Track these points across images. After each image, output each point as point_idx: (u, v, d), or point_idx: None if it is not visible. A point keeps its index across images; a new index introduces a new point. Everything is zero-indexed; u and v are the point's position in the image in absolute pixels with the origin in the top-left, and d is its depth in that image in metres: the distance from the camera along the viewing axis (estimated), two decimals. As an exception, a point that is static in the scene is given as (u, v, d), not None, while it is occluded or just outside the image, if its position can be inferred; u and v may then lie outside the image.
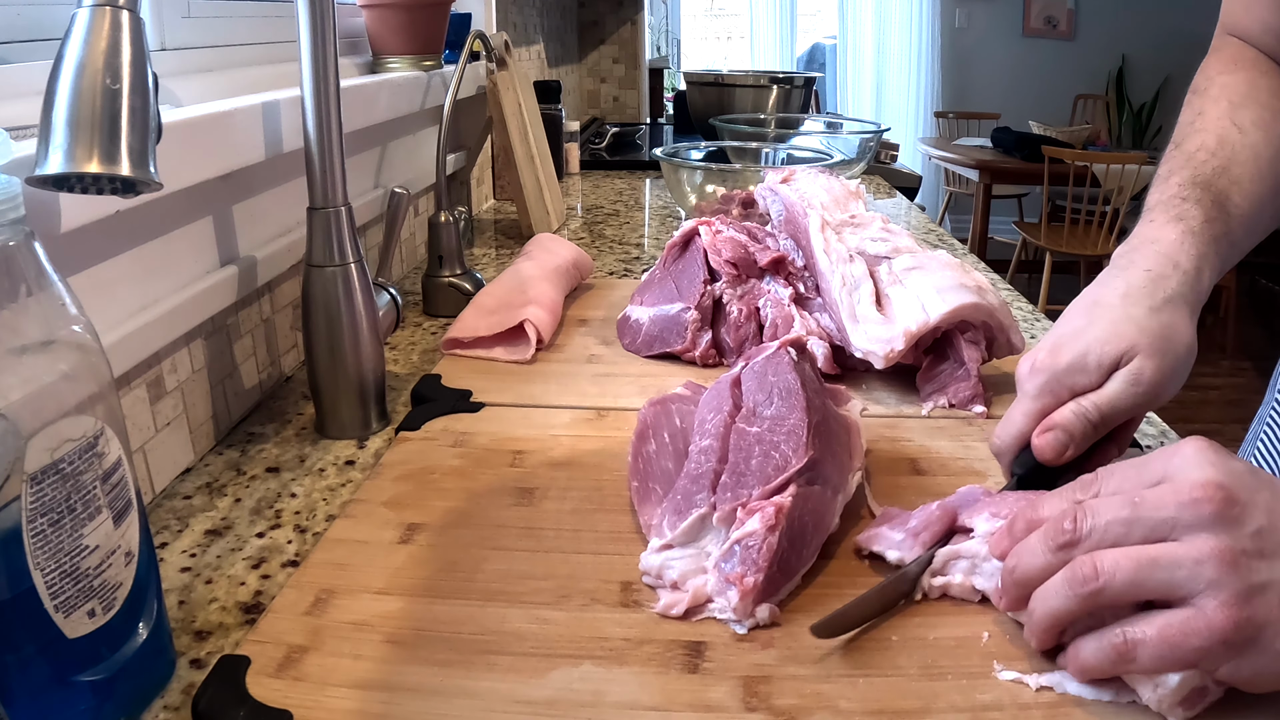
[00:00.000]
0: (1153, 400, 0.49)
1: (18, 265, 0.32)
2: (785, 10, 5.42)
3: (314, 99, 0.59)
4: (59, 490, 0.33)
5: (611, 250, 1.20)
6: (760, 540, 0.44)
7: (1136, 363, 0.48)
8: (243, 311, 0.69)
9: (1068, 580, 0.38)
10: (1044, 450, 0.49)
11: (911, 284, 0.71)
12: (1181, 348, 0.49)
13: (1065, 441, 0.48)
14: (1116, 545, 0.38)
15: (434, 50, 1.07)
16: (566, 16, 2.32)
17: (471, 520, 0.52)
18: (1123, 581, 0.37)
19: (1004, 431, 0.51)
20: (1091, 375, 0.49)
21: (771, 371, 0.55)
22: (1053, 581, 0.39)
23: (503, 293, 0.82)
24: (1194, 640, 0.35)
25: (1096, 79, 5.30)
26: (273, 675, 0.39)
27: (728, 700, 0.38)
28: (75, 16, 0.38)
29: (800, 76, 2.17)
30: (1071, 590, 0.38)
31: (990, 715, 0.38)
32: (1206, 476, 0.37)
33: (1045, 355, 0.51)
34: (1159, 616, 0.36)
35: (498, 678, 0.39)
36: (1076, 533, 0.39)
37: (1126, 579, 0.37)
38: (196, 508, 0.56)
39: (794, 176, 0.89)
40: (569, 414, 0.66)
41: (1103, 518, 0.38)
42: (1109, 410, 0.48)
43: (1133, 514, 0.38)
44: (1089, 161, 3.57)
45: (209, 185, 0.61)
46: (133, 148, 0.39)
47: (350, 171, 0.64)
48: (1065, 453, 0.48)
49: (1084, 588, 0.37)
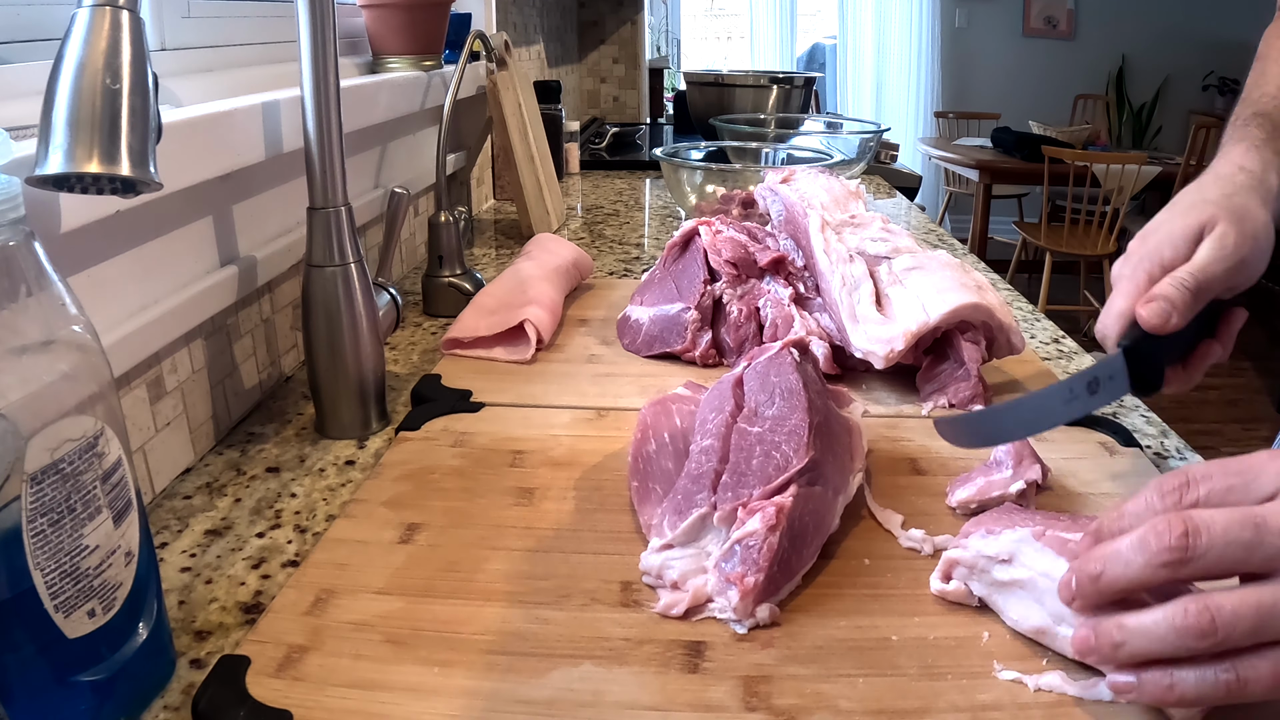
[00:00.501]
0: (1240, 268, 0.51)
1: (18, 265, 0.32)
2: (785, 10, 5.42)
3: (314, 99, 0.59)
4: (59, 490, 0.33)
5: (611, 250, 1.20)
6: (761, 540, 0.44)
7: (1219, 229, 0.51)
8: (243, 311, 0.69)
9: (1178, 630, 0.34)
10: (1150, 318, 0.50)
11: (911, 284, 0.71)
12: (1260, 223, 0.52)
13: (1168, 309, 0.49)
14: (1232, 570, 0.34)
15: (434, 50, 1.07)
16: (566, 16, 2.32)
17: (471, 520, 0.52)
18: (1244, 634, 0.33)
19: (1107, 314, 0.53)
20: (1179, 248, 0.52)
21: (774, 372, 0.55)
22: (1158, 626, 0.35)
23: (503, 293, 0.82)
24: None
25: (1096, 79, 5.30)
26: (273, 675, 0.39)
27: (728, 700, 0.38)
28: (75, 16, 0.38)
29: (800, 76, 2.17)
30: (1182, 641, 0.34)
31: (990, 715, 0.38)
32: None
33: (1135, 243, 0.54)
34: (1272, 653, 0.33)
35: (498, 678, 0.39)
36: (1190, 550, 0.34)
37: (1248, 630, 0.33)
38: (196, 508, 0.56)
39: (794, 176, 0.89)
40: (569, 414, 0.66)
41: (1220, 537, 0.34)
42: (1202, 275, 0.50)
43: (1255, 537, 0.33)
44: (1089, 161, 3.57)
45: (209, 185, 0.61)
46: (133, 148, 0.39)
47: (350, 171, 0.64)
48: (1170, 320, 0.49)
49: (1200, 641, 0.33)
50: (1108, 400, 0.49)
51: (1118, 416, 0.69)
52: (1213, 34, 5.04)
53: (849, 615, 0.44)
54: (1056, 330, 0.90)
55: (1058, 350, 0.85)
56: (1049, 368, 0.77)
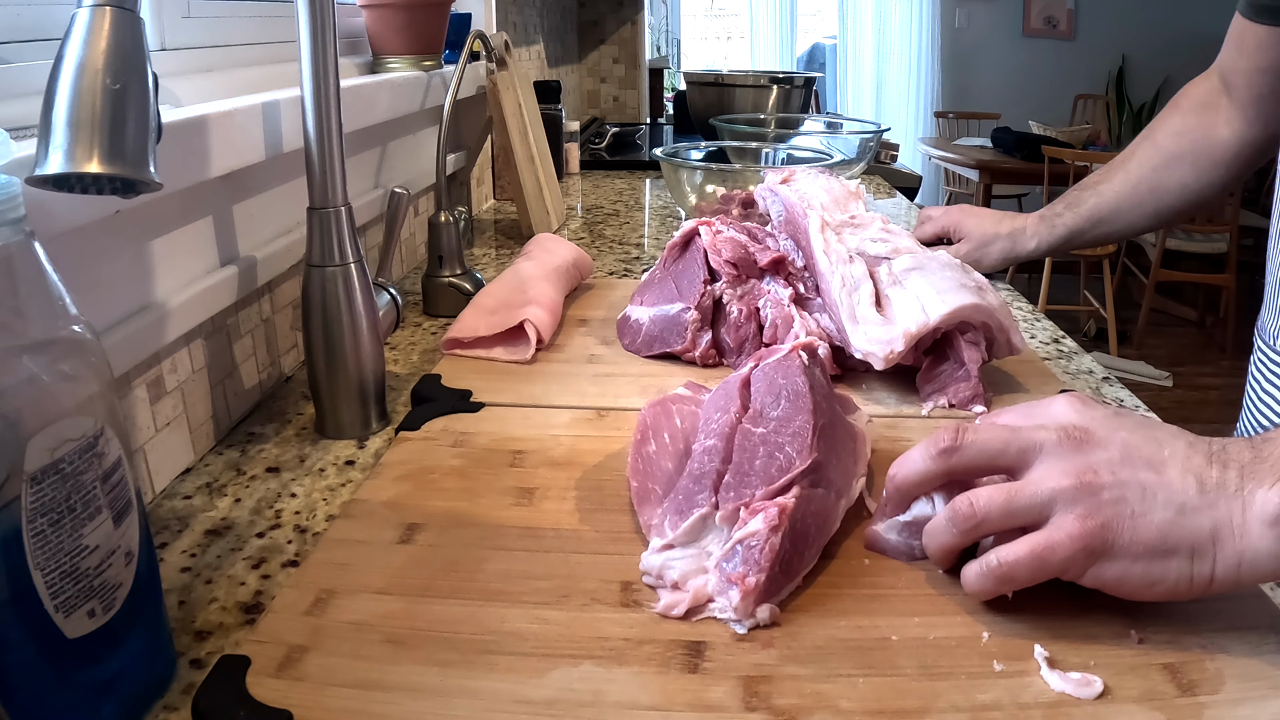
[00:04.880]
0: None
1: (18, 265, 0.32)
2: (785, 10, 5.42)
3: (314, 99, 0.59)
4: (59, 490, 0.33)
5: (611, 250, 1.20)
6: (763, 540, 0.44)
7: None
8: (243, 311, 0.69)
9: (951, 519, 0.44)
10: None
11: (911, 285, 0.71)
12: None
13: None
14: (991, 461, 0.44)
15: (434, 50, 1.07)
16: (566, 16, 2.32)
17: (471, 520, 0.52)
18: (998, 515, 0.43)
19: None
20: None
21: (781, 374, 0.55)
22: (938, 521, 0.45)
23: (503, 293, 0.82)
24: (1059, 551, 0.41)
25: (1096, 79, 5.30)
26: (273, 675, 0.39)
27: (728, 700, 0.38)
28: (75, 16, 0.38)
29: (800, 76, 2.17)
30: (956, 527, 0.44)
31: (990, 715, 0.38)
32: (1070, 419, 0.44)
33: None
34: (1027, 538, 0.42)
35: (498, 678, 0.39)
36: (956, 440, 0.45)
37: (1001, 512, 0.43)
38: (196, 508, 0.56)
39: (794, 177, 0.89)
40: (569, 414, 0.66)
41: (981, 437, 0.44)
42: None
43: (1009, 437, 0.44)
44: (1089, 161, 3.56)
45: (209, 185, 0.61)
46: (133, 148, 0.39)
47: (350, 171, 0.63)
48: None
49: (966, 524, 0.43)
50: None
51: (1118, 416, 0.69)
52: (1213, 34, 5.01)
53: (849, 615, 0.44)
54: (1056, 330, 0.90)
55: (1058, 350, 0.85)
56: (1049, 368, 0.77)
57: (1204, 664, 0.40)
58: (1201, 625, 0.43)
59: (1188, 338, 3.96)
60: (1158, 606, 0.43)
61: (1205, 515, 0.40)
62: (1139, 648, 0.41)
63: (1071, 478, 0.41)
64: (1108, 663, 0.40)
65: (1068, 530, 0.41)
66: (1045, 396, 0.69)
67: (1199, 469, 0.41)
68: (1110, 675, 0.39)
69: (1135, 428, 0.43)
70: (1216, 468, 0.41)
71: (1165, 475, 0.41)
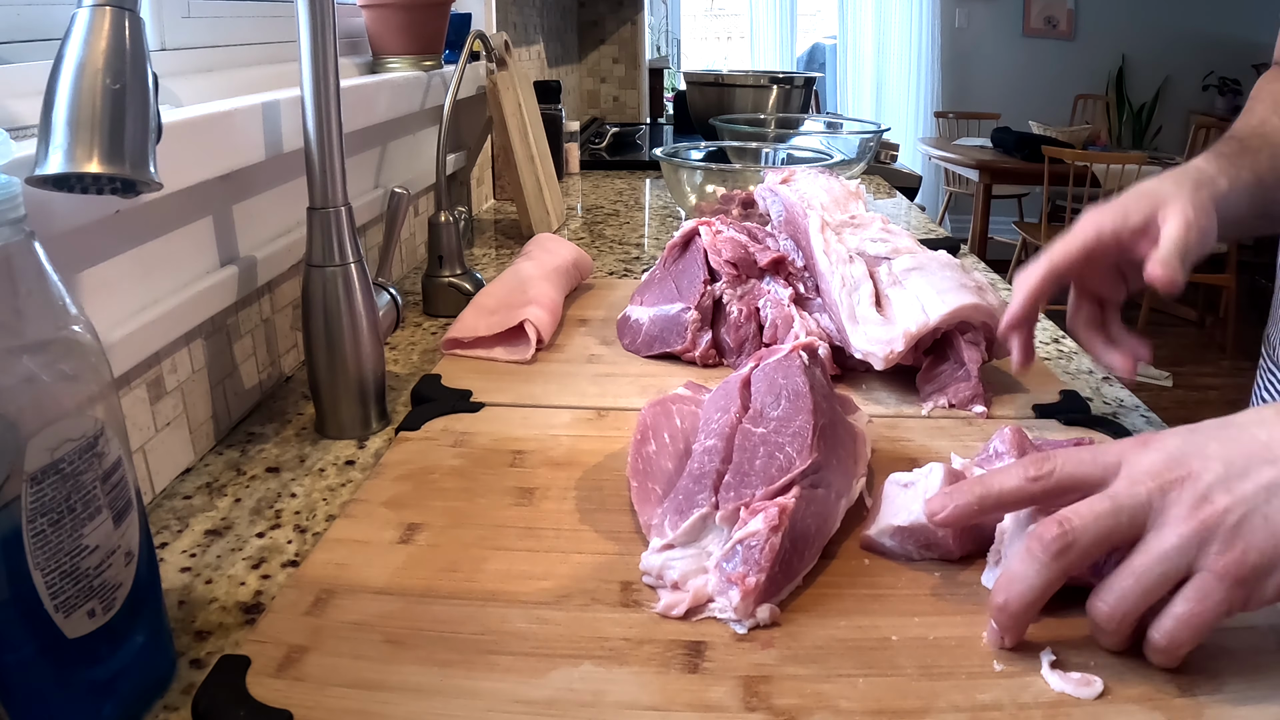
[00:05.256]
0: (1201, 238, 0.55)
1: (18, 265, 0.32)
2: (785, 10, 5.42)
3: (314, 99, 0.59)
4: (59, 490, 0.33)
5: (611, 250, 1.20)
6: (763, 540, 0.44)
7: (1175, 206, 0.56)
8: (243, 311, 0.69)
9: (1031, 551, 0.40)
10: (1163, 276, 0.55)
11: (911, 285, 0.71)
12: (1203, 207, 0.57)
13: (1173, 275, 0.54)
14: (1108, 543, 0.40)
15: (434, 50, 1.07)
16: (566, 16, 2.32)
17: (471, 520, 0.52)
18: (1137, 599, 0.39)
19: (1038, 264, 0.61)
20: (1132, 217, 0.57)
21: (782, 374, 0.55)
22: (1019, 561, 0.40)
23: (503, 293, 0.82)
24: (1215, 598, 0.37)
25: (1096, 79, 5.30)
26: (273, 675, 0.39)
27: (728, 700, 0.38)
28: (75, 16, 0.38)
29: (800, 76, 2.17)
30: (1041, 556, 0.40)
31: (990, 715, 0.38)
32: (1154, 463, 0.40)
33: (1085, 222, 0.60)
34: (1179, 604, 0.38)
35: (498, 678, 0.39)
36: (1067, 538, 0.39)
37: (1139, 591, 0.39)
38: (196, 508, 0.56)
39: (794, 177, 0.89)
40: (569, 414, 0.66)
41: (1088, 518, 0.40)
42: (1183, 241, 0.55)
43: (1114, 507, 0.40)
44: (1089, 161, 3.57)
45: (209, 185, 0.61)
46: (133, 148, 0.39)
47: (350, 171, 0.64)
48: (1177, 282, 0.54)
49: (1052, 546, 0.39)
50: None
51: (1118, 416, 0.69)
52: (1213, 34, 5.04)
53: (849, 615, 0.44)
54: (1056, 330, 0.90)
55: (1058, 350, 0.85)
56: (1049, 368, 0.77)
57: (1204, 664, 0.40)
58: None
59: (1188, 338, 3.96)
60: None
61: None
62: (1139, 647, 0.41)
63: (1192, 521, 0.38)
64: (1108, 663, 0.40)
65: (1216, 574, 0.37)
66: (1045, 396, 0.69)
67: None
68: (1110, 675, 0.39)
69: (1215, 432, 0.41)
70: None
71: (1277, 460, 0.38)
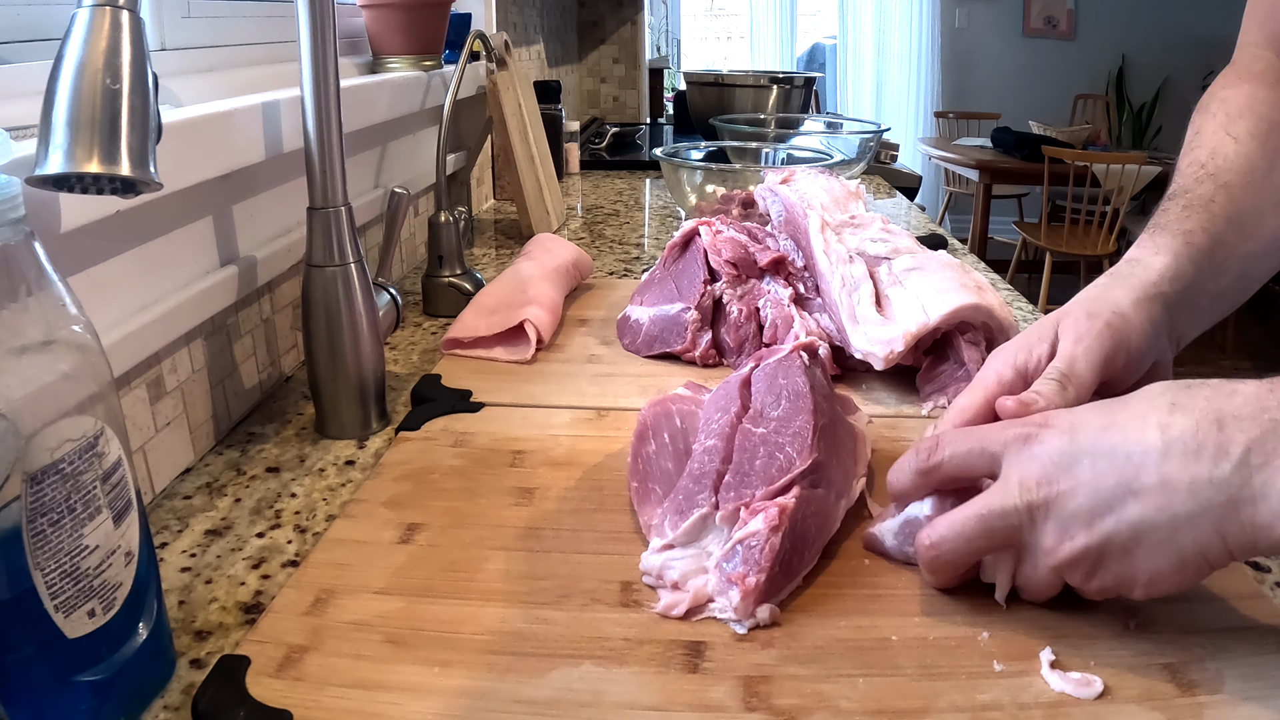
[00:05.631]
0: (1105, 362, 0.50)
1: (18, 265, 0.32)
2: (785, 10, 5.42)
3: (314, 99, 0.59)
4: (59, 490, 0.33)
5: (611, 250, 1.20)
6: (763, 540, 0.44)
7: (1069, 323, 0.51)
8: (243, 311, 0.68)
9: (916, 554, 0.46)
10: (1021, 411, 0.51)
11: (911, 285, 0.71)
12: (1116, 314, 0.51)
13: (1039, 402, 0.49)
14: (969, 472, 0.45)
15: (434, 50, 1.07)
16: (566, 16, 2.32)
17: (471, 520, 0.52)
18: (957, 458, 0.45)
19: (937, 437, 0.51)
20: (1033, 347, 0.52)
21: (782, 374, 0.55)
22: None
23: (503, 293, 0.82)
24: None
25: (1096, 79, 5.30)
26: (273, 675, 0.39)
27: (728, 700, 0.38)
28: (75, 16, 0.38)
29: (800, 76, 2.17)
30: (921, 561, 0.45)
31: (990, 715, 0.38)
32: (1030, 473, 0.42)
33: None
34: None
35: (498, 678, 0.39)
36: (930, 459, 0.46)
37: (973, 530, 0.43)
38: (196, 508, 0.56)
39: (794, 177, 0.89)
40: (569, 414, 0.66)
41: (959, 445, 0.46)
42: (1067, 368, 0.50)
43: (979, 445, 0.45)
44: (1089, 161, 3.57)
45: (209, 185, 0.61)
46: (133, 148, 0.39)
47: (350, 171, 0.64)
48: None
49: (925, 555, 0.45)
50: None
51: (1118, 416, 0.69)
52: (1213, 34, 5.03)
53: (849, 615, 0.44)
54: (1056, 330, 0.90)
55: (1058, 350, 0.85)
56: (1049, 368, 0.76)
57: (1204, 664, 0.40)
58: (1201, 625, 0.43)
59: (1188, 338, 3.96)
60: (1158, 605, 0.43)
61: (1206, 520, 0.37)
62: (1139, 647, 0.41)
63: (1055, 556, 0.41)
64: (1108, 663, 0.40)
65: (1075, 586, 0.42)
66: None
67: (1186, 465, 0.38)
68: (1110, 675, 0.39)
69: (1095, 439, 0.40)
70: (1207, 460, 0.37)
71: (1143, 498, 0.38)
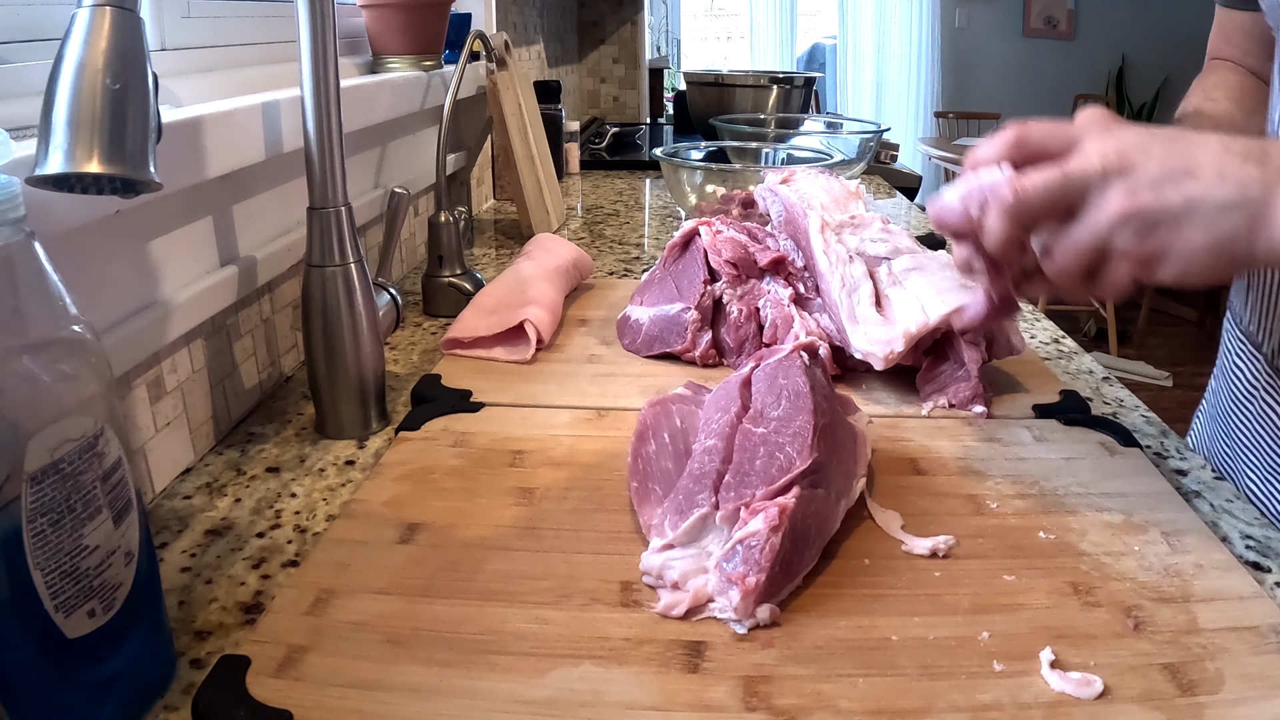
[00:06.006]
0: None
1: (18, 265, 0.32)
2: (785, 10, 5.42)
3: (314, 99, 0.59)
4: (59, 490, 0.33)
5: (611, 250, 1.20)
6: (763, 540, 0.44)
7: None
8: (243, 311, 0.69)
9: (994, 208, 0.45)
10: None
11: (911, 285, 0.71)
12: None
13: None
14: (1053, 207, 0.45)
15: (434, 50, 1.07)
16: (566, 16, 2.32)
17: (471, 520, 0.52)
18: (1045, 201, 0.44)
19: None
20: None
21: (782, 374, 0.55)
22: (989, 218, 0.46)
23: (503, 293, 0.82)
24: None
25: (1096, 79, 5.30)
26: (273, 675, 0.39)
27: (728, 700, 0.38)
28: (75, 16, 0.38)
29: (800, 76, 2.17)
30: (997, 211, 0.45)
31: (990, 715, 0.38)
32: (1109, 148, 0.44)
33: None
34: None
35: (498, 678, 0.39)
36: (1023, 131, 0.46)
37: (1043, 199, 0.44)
38: (196, 508, 0.56)
39: (794, 177, 0.89)
40: (569, 414, 0.66)
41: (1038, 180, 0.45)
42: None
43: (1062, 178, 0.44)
44: (1089, 161, 3.56)
45: (209, 185, 0.61)
46: (133, 148, 0.39)
47: (350, 171, 0.64)
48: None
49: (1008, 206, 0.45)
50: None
51: (1118, 416, 0.69)
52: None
53: (849, 615, 0.44)
54: (1056, 330, 0.90)
55: (1058, 350, 0.85)
56: (1049, 367, 0.77)
57: (1204, 664, 0.40)
58: (1201, 625, 0.43)
59: (1188, 338, 3.96)
60: (1158, 605, 0.43)
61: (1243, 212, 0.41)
62: (1139, 648, 0.41)
63: (1123, 205, 0.43)
64: (1108, 663, 0.40)
65: (1121, 254, 0.43)
66: (1045, 396, 0.70)
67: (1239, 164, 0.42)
68: (1110, 675, 0.39)
69: (1168, 138, 0.44)
70: (1254, 165, 0.42)
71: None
